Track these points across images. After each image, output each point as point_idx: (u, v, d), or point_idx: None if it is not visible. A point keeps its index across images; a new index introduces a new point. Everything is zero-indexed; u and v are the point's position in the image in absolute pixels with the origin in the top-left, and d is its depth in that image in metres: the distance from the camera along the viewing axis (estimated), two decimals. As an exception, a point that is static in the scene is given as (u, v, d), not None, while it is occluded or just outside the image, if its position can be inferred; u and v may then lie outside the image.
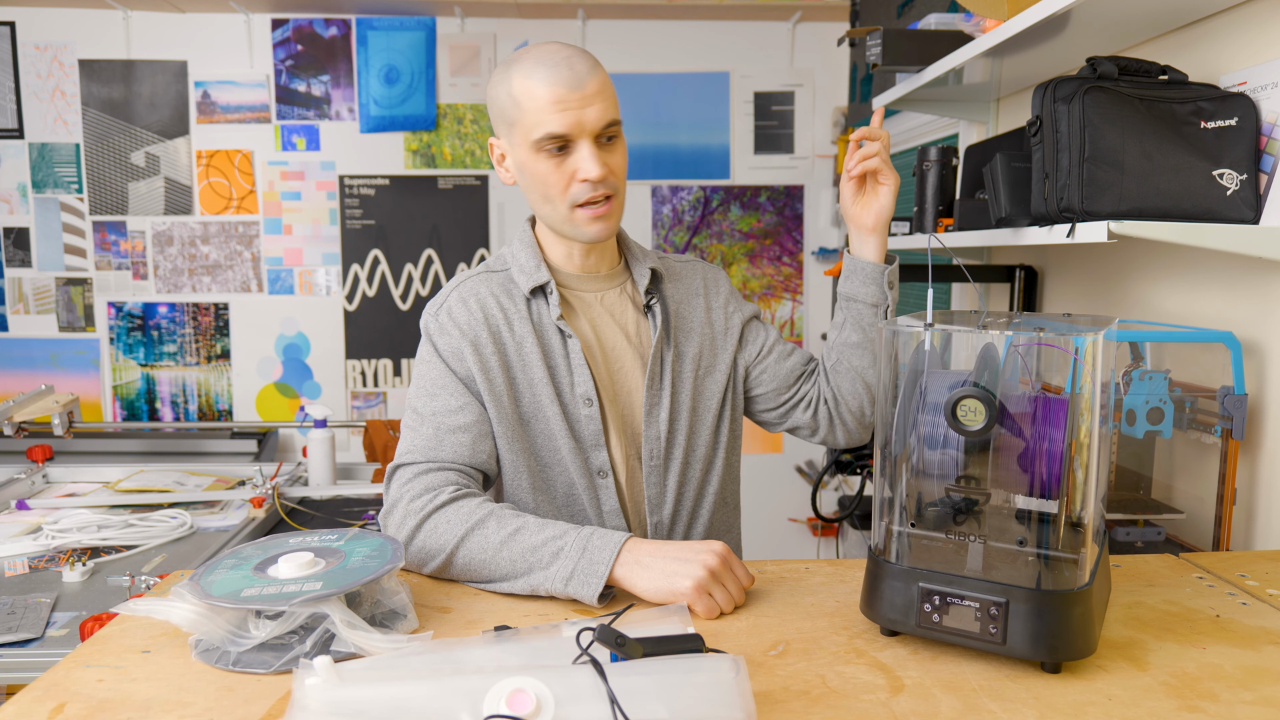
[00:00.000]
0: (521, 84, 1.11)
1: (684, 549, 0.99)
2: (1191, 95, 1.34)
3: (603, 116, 1.12)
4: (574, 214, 1.15)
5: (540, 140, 1.11)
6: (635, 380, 1.25)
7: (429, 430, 1.15)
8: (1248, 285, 1.40)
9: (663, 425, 1.24)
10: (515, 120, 1.13)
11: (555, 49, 1.13)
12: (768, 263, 3.82)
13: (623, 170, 1.17)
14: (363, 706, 0.70)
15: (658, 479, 1.25)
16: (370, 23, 3.61)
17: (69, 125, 3.59)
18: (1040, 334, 0.87)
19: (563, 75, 1.09)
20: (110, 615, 1.24)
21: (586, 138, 1.11)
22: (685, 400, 1.26)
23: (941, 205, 1.88)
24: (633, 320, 1.27)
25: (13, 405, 2.18)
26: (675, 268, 1.34)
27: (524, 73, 1.11)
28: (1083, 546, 0.84)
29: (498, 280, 1.23)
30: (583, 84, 1.10)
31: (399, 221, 3.70)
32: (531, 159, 1.13)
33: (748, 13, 3.55)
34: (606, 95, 1.13)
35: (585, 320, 1.24)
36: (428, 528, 1.06)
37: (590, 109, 1.10)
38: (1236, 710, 0.76)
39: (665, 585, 0.96)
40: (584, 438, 1.20)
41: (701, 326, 1.30)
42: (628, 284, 1.29)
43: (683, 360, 1.27)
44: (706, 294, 1.33)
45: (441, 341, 1.19)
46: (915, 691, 0.79)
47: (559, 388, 1.20)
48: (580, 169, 1.12)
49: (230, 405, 3.77)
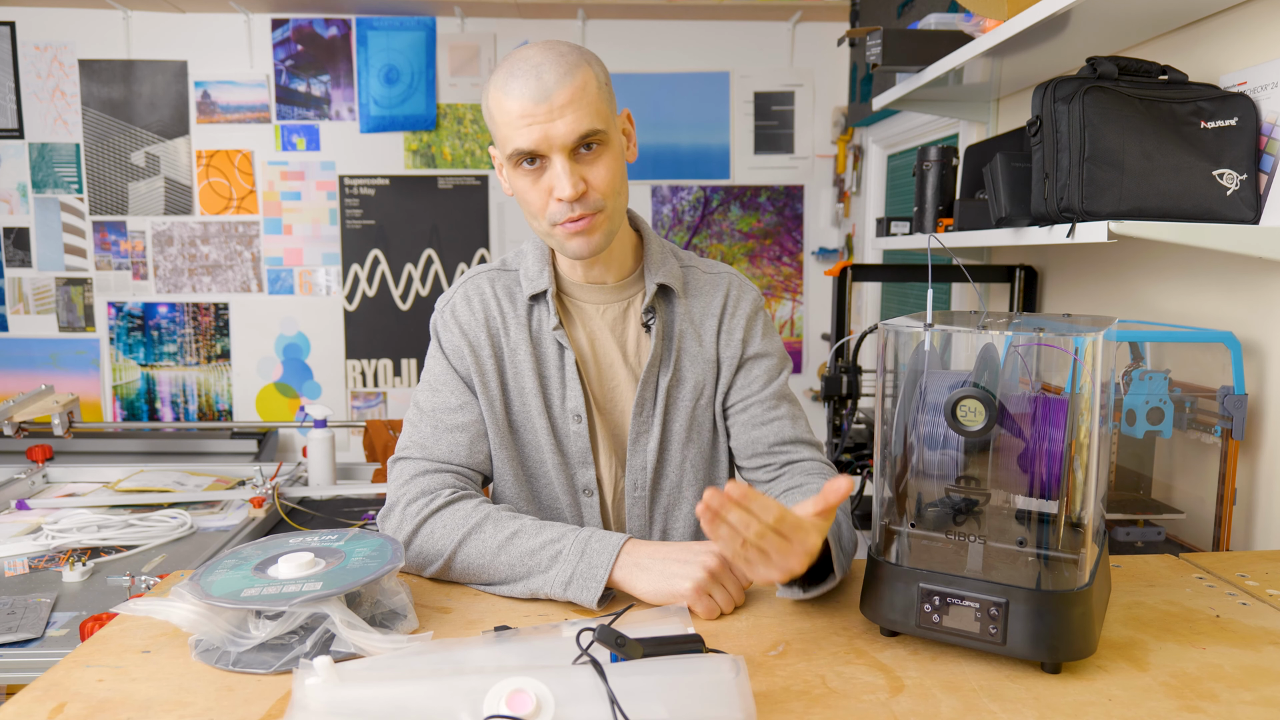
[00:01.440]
0: (495, 96, 1.05)
1: (683, 550, 0.98)
2: (1191, 95, 1.34)
3: (574, 129, 1.01)
4: (554, 231, 1.08)
5: (511, 156, 1.05)
6: (628, 401, 1.18)
7: (428, 427, 1.15)
8: (1248, 285, 1.39)
9: (650, 454, 1.17)
10: (494, 133, 1.08)
11: (528, 55, 1.04)
12: (768, 263, 3.82)
13: (610, 181, 1.06)
14: (363, 706, 0.70)
15: (642, 510, 1.18)
16: (370, 23, 3.61)
17: (69, 125, 3.59)
18: (1040, 334, 0.87)
19: (529, 87, 1.01)
20: (110, 615, 1.24)
21: (558, 153, 1.03)
22: (679, 430, 1.17)
23: (941, 205, 1.88)
24: (633, 338, 1.19)
25: (13, 405, 2.18)
26: (700, 281, 1.22)
27: (497, 84, 1.05)
28: (1083, 546, 0.84)
29: (505, 280, 1.19)
30: (549, 95, 1.01)
31: (399, 221, 3.70)
32: (512, 174, 1.08)
33: (748, 13, 3.55)
34: (581, 104, 1.02)
35: (584, 333, 1.18)
36: (424, 532, 1.06)
37: (559, 122, 1.01)
38: (1236, 710, 0.76)
39: (665, 587, 0.96)
40: (571, 454, 1.16)
41: (709, 349, 1.19)
42: (639, 297, 1.19)
43: (681, 386, 1.18)
44: (723, 313, 1.20)
45: (445, 338, 1.18)
46: (915, 692, 0.79)
47: (549, 400, 1.16)
48: (555, 187, 1.04)
49: (230, 405, 3.77)
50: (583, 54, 1.06)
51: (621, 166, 1.10)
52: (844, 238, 3.73)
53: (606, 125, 1.05)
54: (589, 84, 1.03)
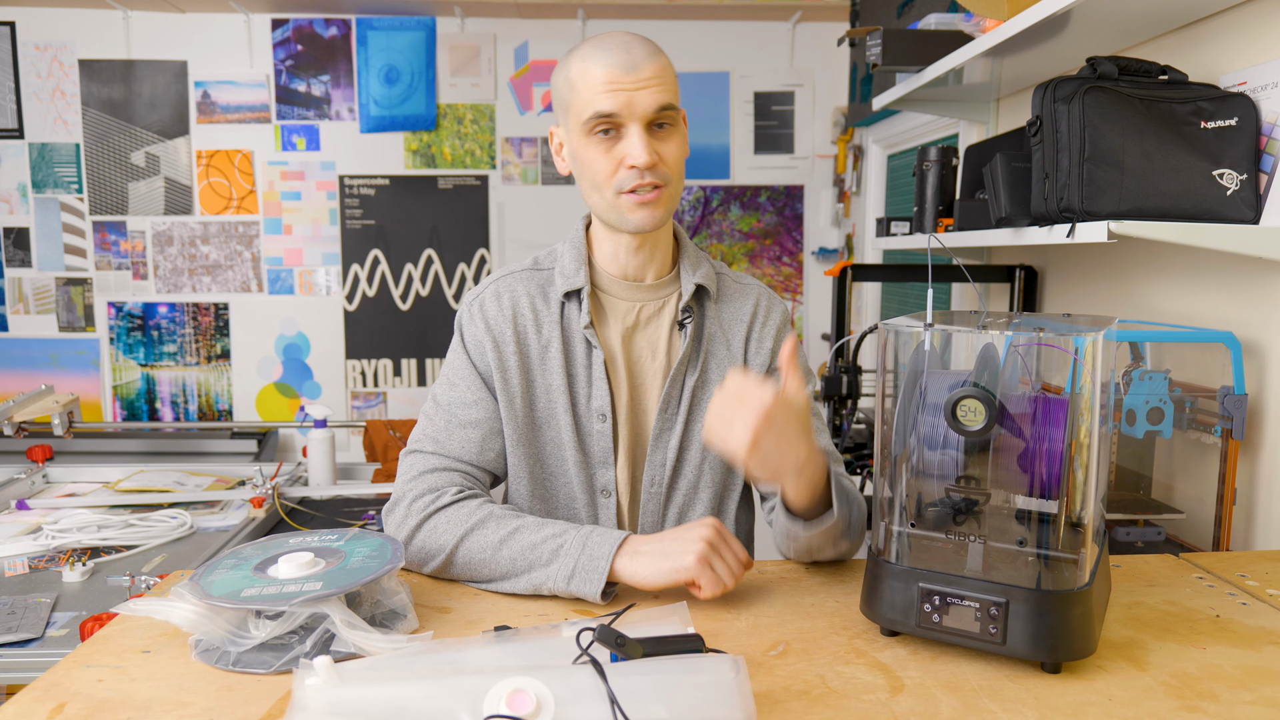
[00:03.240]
0: (579, 66, 1.10)
1: (676, 532, 1.00)
2: (1191, 95, 1.34)
3: (656, 101, 1.08)
4: (619, 200, 1.11)
5: (589, 121, 1.09)
6: (653, 401, 1.19)
7: (441, 420, 1.16)
8: (1248, 285, 1.39)
9: (670, 452, 1.18)
10: (569, 103, 1.12)
11: (617, 35, 1.11)
12: (768, 263, 3.82)
13: (677, 160, 1.12)
14: (363, 706, 0.70)
15: (656, 507, 1.19)
16: (370, 23, 3.61)
17: (69, 125, 3.59)
18: (1040, 334, 0.87)
19: (619, 58, 1.08)
20: (110, 615, 1.24)
21: (637, 122, 1.08)
22: (700, 430, 1.18)
23: (941, 205, 1.88)
24: (665, 337, 1.20)
25: (13, 405, 2.18)
26: (730, 288, 1.25)
27: (582, 55, 1.11)
28: (1083, 546, 0.84)
29: (539, 280, 1.21)
30: (638, 67, 1.07)
31: (399, 221, 3.70)
32: (583, 144, 1.11)
33: (748, 13, 3.55)
34: (663, 81, 1.09)
35: (616, 331, 1.19)
36: (427, 528, 1.06)
37: (644, 92, 1.07)
38: (1236, 710, 0.76)
39: (669, 565, 0.96)
40: (593, 453, 1.17)
41: (738, 356, 1.22)
42: (674, 297, 1.21)
43: (707, 388, 1.19)
44: (753, 321, 1.24)
45: (468, 332, 1.19)
46: (915, 692, 0.79)
47: (575, 398, 1.17)
48: (629, 154, 1.08)
49: (230, 405, 3.77)
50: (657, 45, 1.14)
51: (684, 151, 1.16)
52: (844, 238, 3.73)
53: (679, 106, 1.13)
54: (669, 67, 1.12)
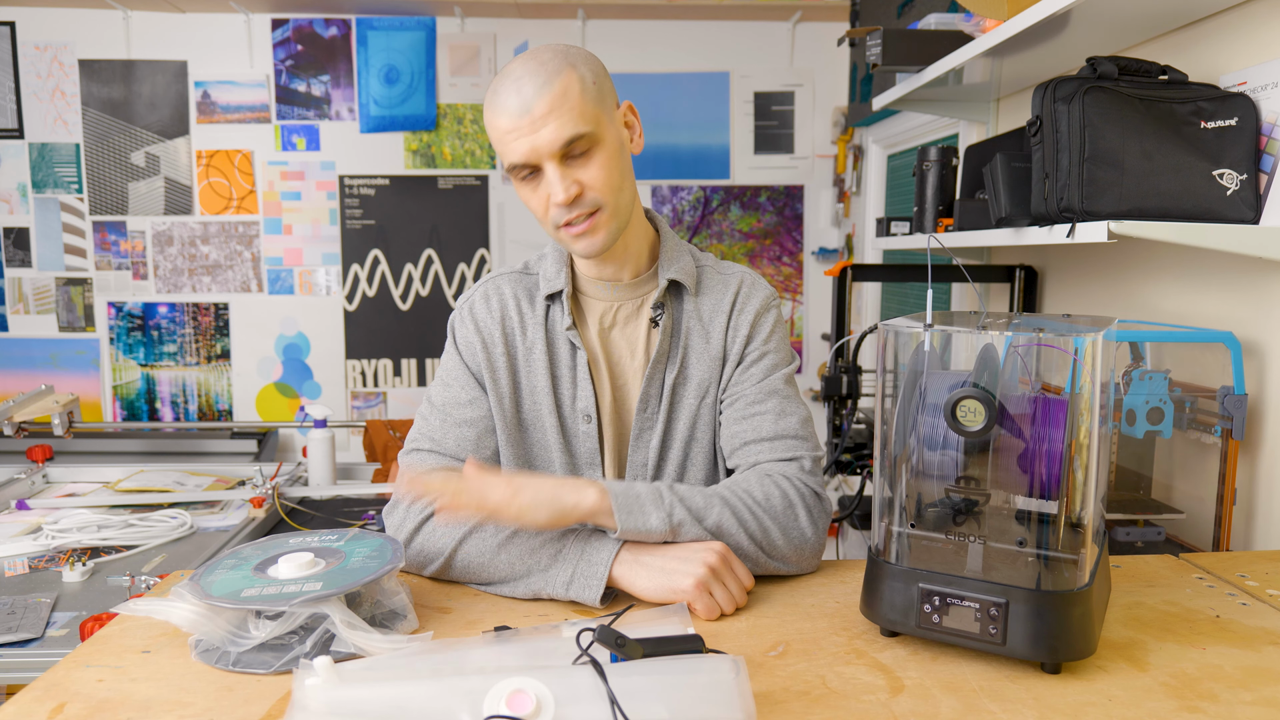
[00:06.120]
0: (488, 116, 1.09)
1: (684, 548, 0.99)
2: (1191, 95, 1.34)
3: (557, 137, 1.03)
4: (559, 234, 1.11)
5: (510, 170, 1.09)
6: (635, 399, 1.18)
7: (437, 420, 1.16)
8: (1248, 285, 1.39)
9: (651, 452, 1.17)
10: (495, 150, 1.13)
11: (511, 70, 1.06)
12: (768, 263, 3.82)
13: (606, 179, 1.07)
14: (363, 707, 0.70)
15: None
16: (370, 23, 3.61)
17: (69, 125, 3.59)
18: (1040, 334, 0.87)
19: (511, 103, 1.04)
20: (110, 615, 1.24)
21: (548, 160, 1.05)
22: (682, 428, 1.17)
23: (941, 205, 1.88)
24: (643, 336, 1.19)
25: (13, 405, 2.18)
26: (712, 280, 1.22)
27: (488, 103, 1.09)
28: (1082, 547, 0.84)
29: (526, 283, 1.22)
30: (529, 108, 1.03)
31: (399, 221, 3.70)
32: (516, 185, 1.12)
33: (748, 13, 3.55)
34: (562, 111, 1.03)
35: (595, 332, 1.19)
36: (426, 530, 1.06)
37: (543, 131, 1.03)
38: (1236, 710, 0.76)
39: (666, 584, 0.96)
40: (579, 454, 1.17)
41: (717, 348, 1.18)
42: (653, 294, 1.20)
43: (687, 384, 1.18)
44: (732, 309, 1.19)
45: (460, 334, 1.20)
46: (915, 692, 0.79)
47: (560, 399, 1.17)
48: (551, 194, 1.07)
49: (230, 405, 3.77)
50: (567, 57, 1.06)
51: (620, 162, 1.10)
52: (844, 238, 3.73)
53: (594, 125, 1.05)
54: (570, 89, 1.04)
